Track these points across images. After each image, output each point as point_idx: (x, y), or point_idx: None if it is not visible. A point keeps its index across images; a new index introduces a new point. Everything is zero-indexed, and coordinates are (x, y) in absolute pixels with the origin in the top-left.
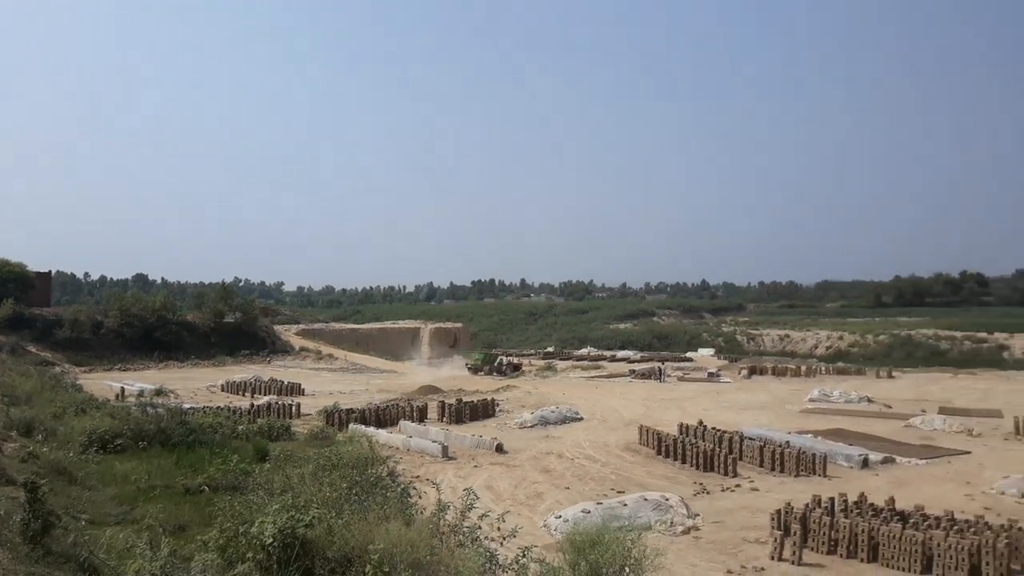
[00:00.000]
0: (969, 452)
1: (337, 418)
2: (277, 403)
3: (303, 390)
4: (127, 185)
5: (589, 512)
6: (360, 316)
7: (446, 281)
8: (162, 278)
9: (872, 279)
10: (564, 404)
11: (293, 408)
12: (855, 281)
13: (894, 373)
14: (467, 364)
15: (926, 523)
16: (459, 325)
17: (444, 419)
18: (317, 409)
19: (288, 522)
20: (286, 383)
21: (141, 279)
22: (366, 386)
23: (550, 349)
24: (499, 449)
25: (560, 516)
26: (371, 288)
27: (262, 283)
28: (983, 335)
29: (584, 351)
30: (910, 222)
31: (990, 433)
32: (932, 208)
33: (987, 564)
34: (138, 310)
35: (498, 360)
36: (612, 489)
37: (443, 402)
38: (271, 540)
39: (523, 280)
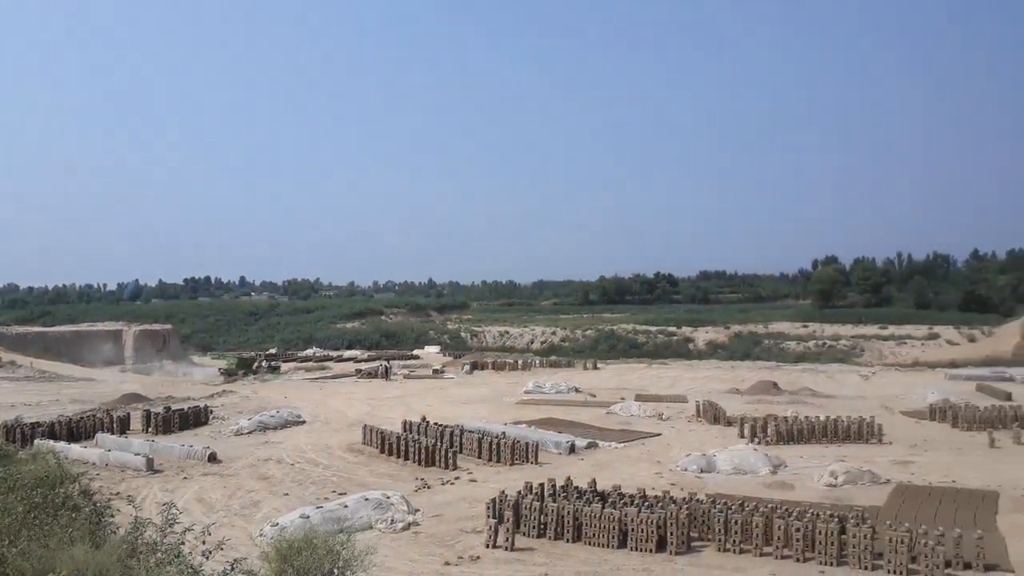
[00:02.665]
0: (660, 434)
1: (20, 433)
2: None
3: None
4: None
5: (308, 517)
6: (51, 318)
7: (154, 279)
8: None
9: (581, 279)
10: (286, 407)
11: None
12: (566, 281)
13: (599, 365)
14: (220, 369)
15: (622, 501)
16: (168, 327)
17: (150, 429)
18: None
19: None
20: None
21: None
22: (57, 396)
23: (272, 350)
24: (212, 458)
25: (277, 523)
26: (64, 286)
27: None
28: (673, 329)
29: (309, 351)
30: (611, 227)
31: (677, 416)
32: (629, 215)
33: (671, 534)
34: None
35: (256, 363)
36: (334, 491)
37: (148, 411)
38: None
39: (243, 278)
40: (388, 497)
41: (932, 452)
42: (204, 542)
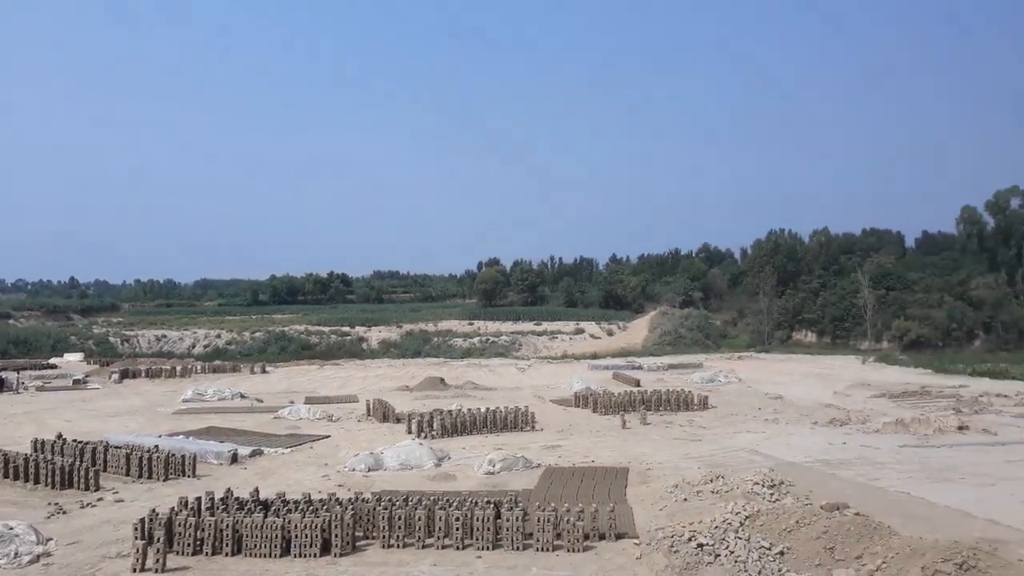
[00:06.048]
0: (329, 436)
1: None
2: None
3: None
4: None
5: None
6: None
7: None
8: None
9: (250, 278)
10: None
11: None
12: (233, 280)
13: (267, 368)
14: None
15: (286, 508)
16: None
17: None
18: None
19: None
20: None
21: None
22: None
23: None
24: None
25: None
26: None
27: None
28: (347, 329)
29: None
30: (283, 225)
31: (347, 417)
32: (303, 213)
33: (336, 536)
34: None
35: None
36: None
37: None
38: None
39: None
40: (11, 528)
41: (576, 436)
42: None
